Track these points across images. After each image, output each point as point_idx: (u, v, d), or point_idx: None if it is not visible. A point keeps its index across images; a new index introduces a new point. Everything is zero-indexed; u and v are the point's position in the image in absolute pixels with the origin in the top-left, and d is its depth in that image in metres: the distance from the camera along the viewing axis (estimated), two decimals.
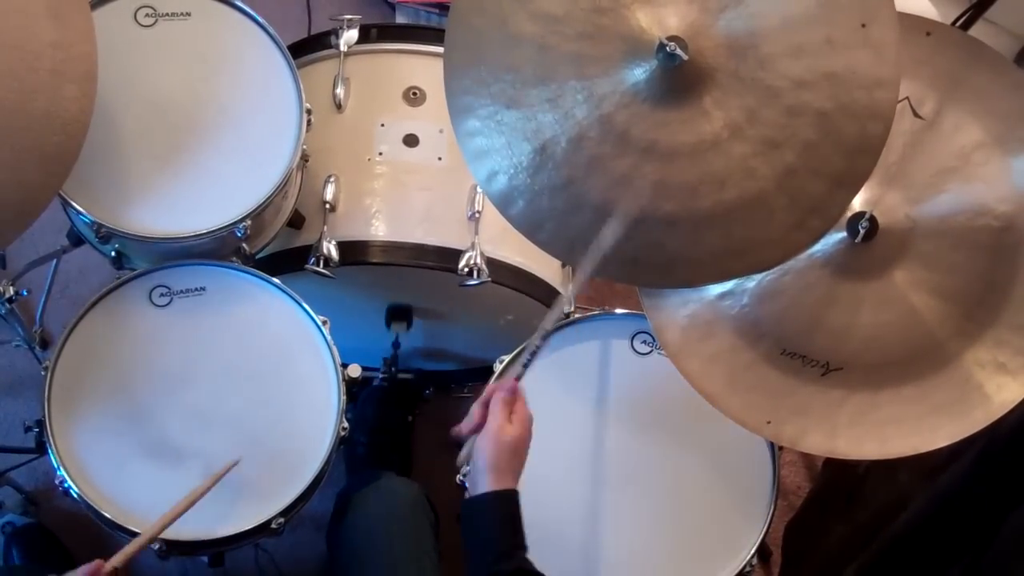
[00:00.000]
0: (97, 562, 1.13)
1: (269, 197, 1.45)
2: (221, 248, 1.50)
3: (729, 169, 1.13)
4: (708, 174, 1.13)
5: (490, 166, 1.21)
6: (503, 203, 1.22)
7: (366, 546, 1.44)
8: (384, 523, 1.46)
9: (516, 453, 1.16)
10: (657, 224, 1.15)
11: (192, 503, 1.24)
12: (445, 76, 1.22)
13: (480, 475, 1.15)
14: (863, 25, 1.10)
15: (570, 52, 1.15)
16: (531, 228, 1.22)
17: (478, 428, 1.18)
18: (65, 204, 1.42)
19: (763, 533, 1.41)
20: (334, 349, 1.46)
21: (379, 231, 1.61)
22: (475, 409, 1.20)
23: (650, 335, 1.51)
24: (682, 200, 1.14)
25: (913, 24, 1.24)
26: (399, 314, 1.79)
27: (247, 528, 1.35)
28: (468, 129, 1.21)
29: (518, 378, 1.20)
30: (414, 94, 1.70)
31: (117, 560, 1.15)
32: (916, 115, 1.24)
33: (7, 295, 1.69)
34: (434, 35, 1.73)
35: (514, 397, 1.18)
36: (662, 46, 1.09)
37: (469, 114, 1.21)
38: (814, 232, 1.16)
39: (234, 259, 1.52)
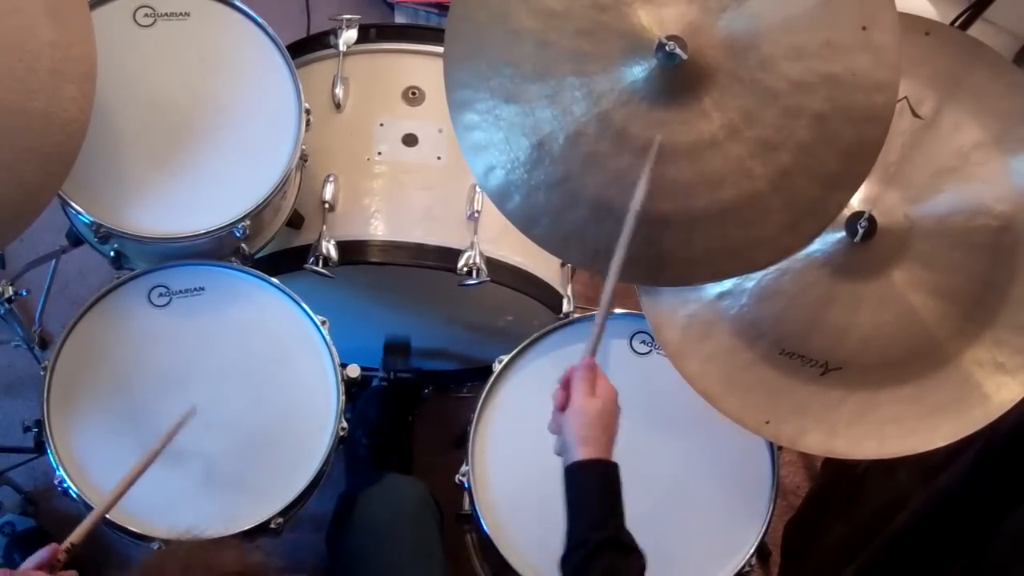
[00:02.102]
0: (52, 546, 1.12)
1: (268, 197, 1.45)
2: (220, 248, 1.50)
3: (725, 169, 1.13)
4: (704, 174, 1.13)
5: (488, 160, 1.21)
6: (500, 198, 1.22)
7: (372, 546, 1.43)
8: (390, 523, 1.45)
9: (604, 424, 1.14)
10: (653, 223, 1.15)
11: (145, 467, 1.23)
12: (445, 69, 1.22)
13: (571, 450, 1.14)
14: (864, 28, 1.10)
15: (570, 49, 1.15)
16: (527, 223, 1.22)
17: (563, 409, 1.16)
18: (64, 204, 1.42)
19: (762, 533, 1.41)
20: (333, 349, 1.46)
21: (378, 231, 1.61)
22: (558, 392, 1.18)
23: (649, 335, 1.51)
24: (678, 199, 1.14)
25: (912, 24, 1.24)
26: (396, 349, 1.79)
27: (246, 528, 1.35)
28: (466, 123, 1.21)
29: (592, 354, 1.18)
30: (413, 94, 1.70)
31: (75, 536, 1.14)
32: (915, 115, 1.24)
33: (6, 295, 1.69)
34: (433, 35, 1.73)
35: (593, 373, 1.16)
36: (661, 45, 1.09)
37: (468, 108, 1.21)
38: (808, 233, 1.16)
39: (233, 259, 1.52)
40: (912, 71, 1.22)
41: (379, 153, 1.66)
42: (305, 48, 1.72)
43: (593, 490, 1.14)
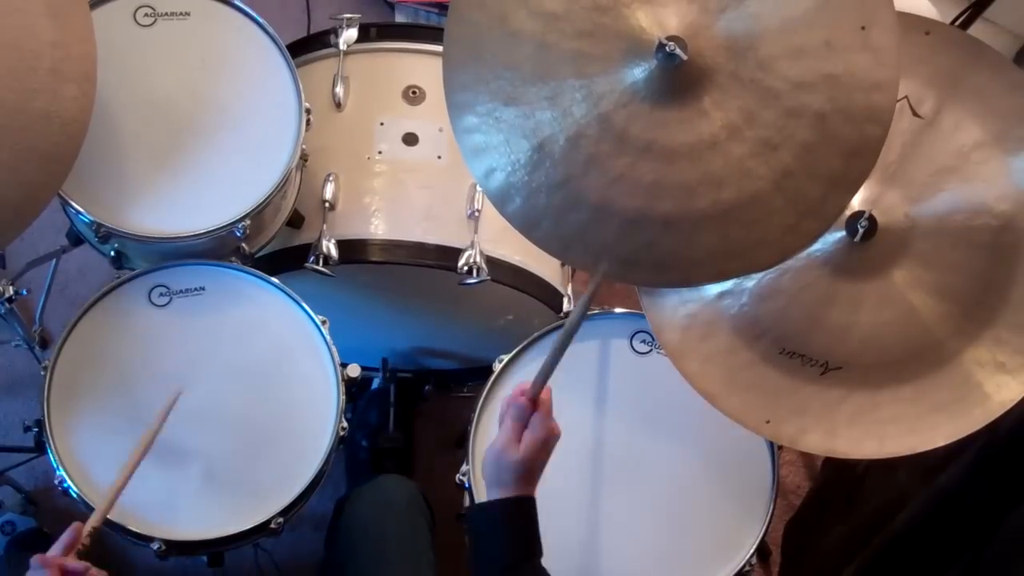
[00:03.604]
0: (76, 524, 1.13)
1: (268, 196, 1.45)
2: (220, 248, 1.50)
3: (727, 170, 1.12)
4: (706, 174, 1.13)
5: (488, 163, 1.21)
6: (500, 200, 1.22)
7: (362, 544, 1.44)
8: (379, 521, 1.46)
9: (521, 475, 1.13)
10: (654, 224, 1.15)
11: (148, 447, 1.24)
12: (444, 72, 1.21)
13: (488, 487, 1.14)
14: (863, 27, 1.10)
15: (569, 50, 1.15)
16: (528, 225, 1.22)
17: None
18: (64, 204, 1.42)
19: (762, 532, 1.41)
20: (333, 349, 1.46)
21: (378, 230, 1.61)
22: (501, 407, 1.17)
23: (649, 334, 1.51)
24: (679, 200, 1.14)
25: (912, 23, 1.23)
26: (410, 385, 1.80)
27: (246, 528, 1.35)
28: (466, 125, 1.21)
29: (534, 391, 1.15)
30: (413, 93, 1.70)
31: (94, 520, 1.15)
32: (915, 114, 1.24)
33: (7, 295, 1.69)
34: (433, 34, 1.73)
35: (526, 415, 1.14)
36: (662, 46, 1.09)
37: (467, 110, 1.21)
38: (810, 234, 1.16)
39: (233, 259, 1.52)
40: (912, 70, 1.22)
41: (379, 152, 1.66)
42: (305, 47, 1.72)
43: (503, 530, 1.13)
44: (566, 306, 1.70)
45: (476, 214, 1.60)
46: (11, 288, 1.69)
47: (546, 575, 1.13)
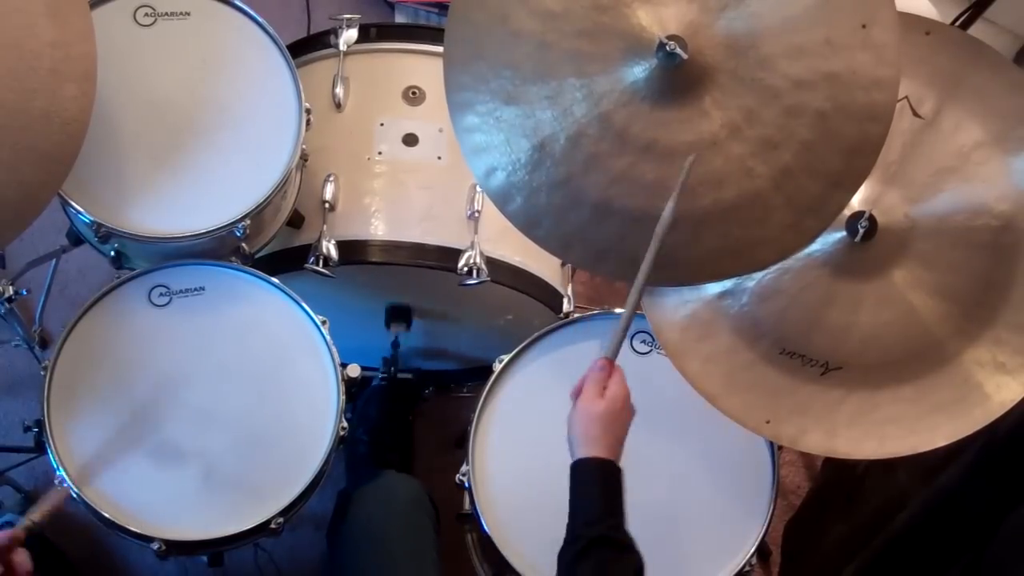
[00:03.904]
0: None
1: (268, 197, 1.45)
2: (220, 248, 1.50)
3: (727, 169, 1.13)
4: (706, 173, 1.13)
5: (488, 162, 1.21)
6: (501, 199, 1.22)
7: (366, 544, 1.44)
8: (384, 521, 1.46)
9: (605, 425, 1.16)
10: (654, 223, 1.15)
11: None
12: (444, 71, 1.22)
13: (573, 448, 1.17)
14: (863, 26, 1.10)
15: (570, 50, 1.15)
16: (528, 225, 1.22)
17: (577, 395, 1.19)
18: (64, 204, 1.42)
19: (763, 532, 1.41)
20: (333, 349, 1.46)
21: (378, 230, 1.61)
22: (576, 388, 1.20)
23: (649, 335, 1.51)
24: (680, 199, 1.14)
25: (912, 23, 1.24)
26: (398, 314, 1.79)
27: (246, 528, 1.35)
28: (467, 125, 1.21)
29: (610, 357, 1.19)
30: (413, 93, 1.70)
31: (36, 515, 1.14)
32: (915, 114, 1.24)
33: (7, 295, 1.69)
34: (433, 34, 1.73)
35: (604, 375, 1.18)
36: (662, 45, 1.09)
37: (468, 110, 1.21)
38: (810, 232, 1.16)
39: (233, 259, 1.52)
40: (913, 71, 1.22)
41: (379, 153, 1.66)
42: (305, 48, 1.72)
43: (590, 488, 1.15)
44: (566, 306, 1.70)
45: (476, 215, 1.60)
46: (11, 288, 1.69)
47: (630, 539, 1.15)
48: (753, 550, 1.40)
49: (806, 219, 1.14)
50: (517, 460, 1.43)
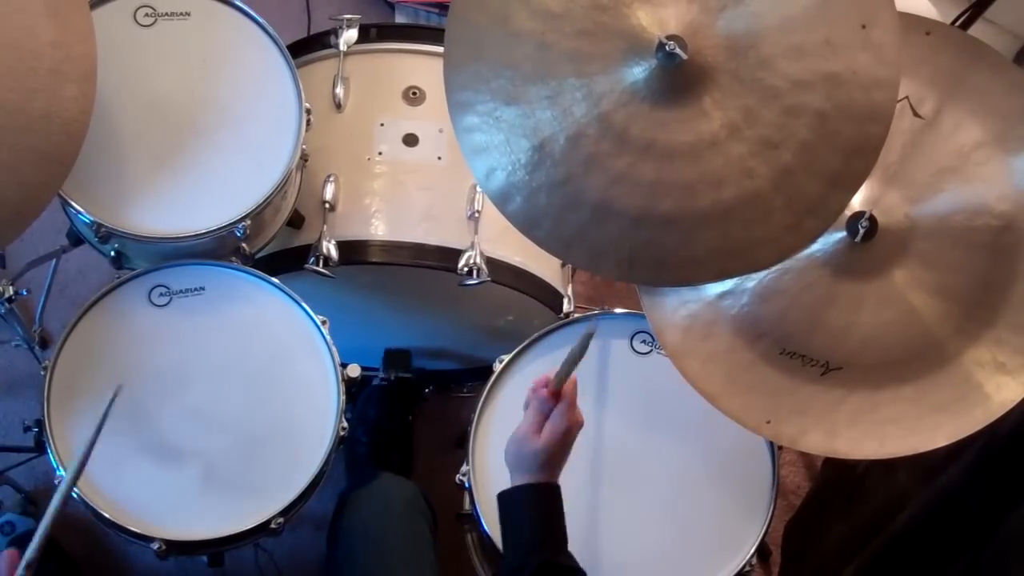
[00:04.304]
0: (9, 552, 1.08)
1: (269, 197, 1.45)
2: (220, 248, 1.50)
3: (727, 169, 1.12)
4: (706, 174, 1.13)
5: (488, 163, 1.21)
6: (501, 200, 1.22)
7: (362, 546, 1.44)
8: (380, 523, 1.46)
9: (542, 462, 1.16)
10: (654, 223, 1.15)
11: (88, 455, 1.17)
12: (444, 72, 1.22)
13: (511, 473, 1.18)
14: (863, 26, 1.10)
15: (569, 50, 1.15)
16: (528, 225, 1.22)
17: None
18: (65, 204, 1.42)
19: (763, 532, 1.41)
20: (333, 349, 1.46)
21: (379, 231, 1.61)
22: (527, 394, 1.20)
23: (649, 335, 1.51)
24: (679, 199, 1.14)
25: (913, 23, 1.23)
26: (397, 359, 1.80)
27: (246, 528, 1.35)
28: (467, 125, 1.21)
29: (556, 384, 1.19)
30: (414, 94, 1.70)
31: (31, 553, 1.10)
32: (916, 114, 1.24)
33: (7, 295, 1.69)
34: (433, 35, 1.73)
35: (548, 407, 1.18)
36: (661, 45, 1.09)
37: (468, 110, 1.21)
38: (811, 233, 1.16)
39: (233, 259, 1.52)
40: (913, 71, 1.22)
41: (380, 153, 1.66)
42: (306, 48, 1.72)
43: (522, 515, 1.16)
44: (566, 306, 1.70)
45: (476, 215, 1.60)
46: (11, 288, 1.69)
47: (573, 562, 1.14)
48: (753, 550, 1.40)
49: (806, 220, 1.14)
50: None
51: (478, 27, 1.19)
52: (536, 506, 1.15)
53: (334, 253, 1.56)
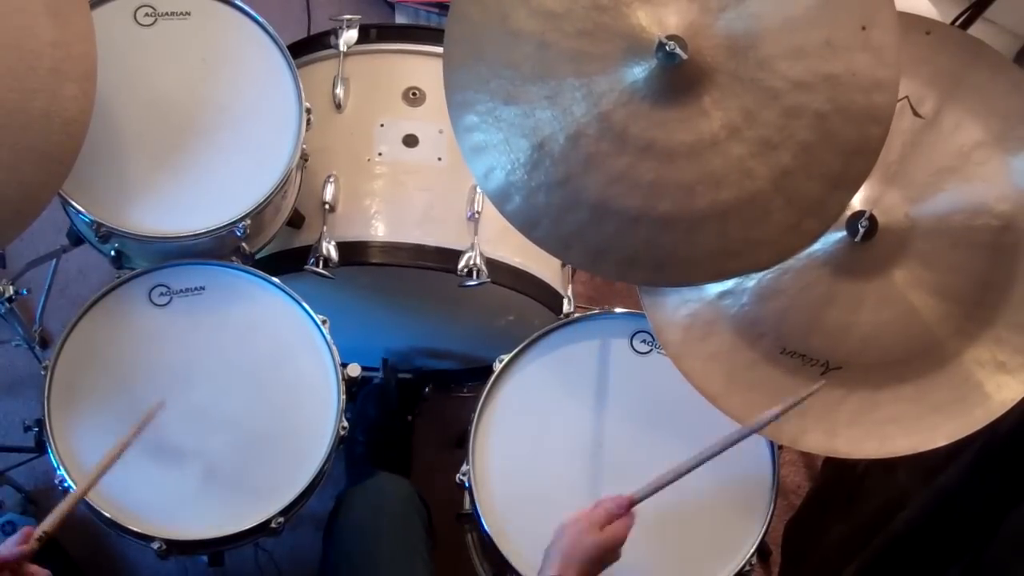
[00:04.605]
0: (26, 529, 1.11)
1: (269, 197, 1.45)
2: (221, 247, 1.50)
3: (726, 169, 1.13)
4: (705, 174, 1.13)
5: (488, 162, 1.21)
6: (500, 199, 1.22)
7: (357, 544, 1.44)
8: (374, 521, 1.46)
9: (585, 558, 1.15)
10: (653, 223, 1.15)
11: (119, 453, 1.21)
12: (444, 71, 1.22)
13: (549, 557, 1.15)
14: (863, 28, 1.10)
15: (569, 49, 1.15)
16: (527, 225, 1.22)
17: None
18: (65, 203, 1.42)
19: (763, 532, 1.41)
20: (334, 349, 1.46)
21: (378, 231, 1.61)
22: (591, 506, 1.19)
23: (650, 334, 1.51)
24: (679, 199, 1.14)
25: (913, 23, 1.24)
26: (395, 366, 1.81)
27: (247, 527, 1.35)
28: (466, 124, 1.21)
29: (637, 500, 1.20)
30: (414, 94, 1.70)
31: (48, 524, 1.12)
32: (916, 114, 1.24)
33: (7, 294, 1.69)
34: (434, 35, 1.73)
35: (621, 514, 1.18)
36: (661, 45, 1.09)
37: (468, 109, 1.21)
38: (810, 234, 1.16)
39: (234, 259, 1.52)
40: (913, 70, 1.22)
41: (379, 154, 1.66)
42: (306, 48, 1.72)
43: None
44: (566, 307, 1.69)
45: (476, 216, 1.60)
46: (11, 288, 1.69)
47: None
48: (753, 550, 1.40)
49: (805, 220, 1.14)
50: (517, 460, 1.43)
51: (478, 26, 1.19)
52: None
53: (334, 254, 1.56)
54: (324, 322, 1.47)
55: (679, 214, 1.15)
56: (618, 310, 1.53)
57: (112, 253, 1.51)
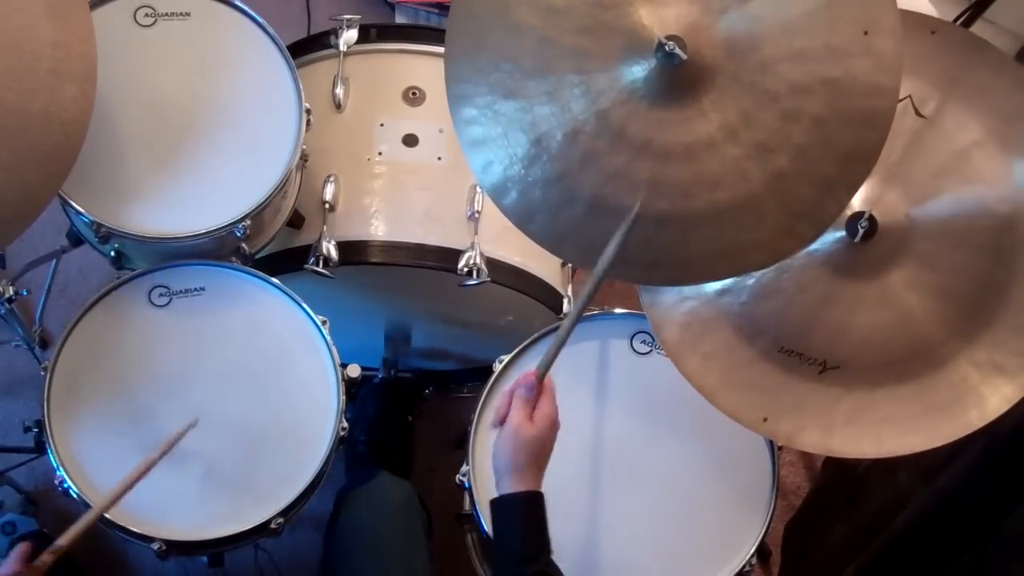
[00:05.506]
0: (22, 546, 1.12)
1: (269, 197, 1.45)
2: (221, 248, 1.50)
3: (722, 171, 1.12)
4: (701, 175, 1.13)
5: (486, 156, 1.21)
6: (497, 193, 1.22)
7: (357, 546, 1.44)
8: (374, 523, 1.46)
9: (535, 452, 1.14)
10: (648, 222, 1.15)
11: (144, 473, 1.22)
12: (445, 63, 1.21)
13: (501, 476, 1.15)
14: (865, 32, 1.09)
15: (570, 46, 1.15)
16: (522, 219, 1.22)
17: (501, 423, 1.17)
18: (65, 204, 1.42)
19: (763, 533, 1.41)
20: (333, 349, 1.46)
21: (379, 231, 1.61)
22: (500, 404, 1.18)
23: (649, 335, 1.51)
24: (674, 199, 1.14)
25: (918, 22, 1.23)
26: (397, 340, 1.80)
27: (247, 528, 1.35)
28: (465, 117, 1.21)
29: (541, 374, 1.18)
30: (413, 94, 1.70)
31: (65, 540, 1.13)
32: (918, 114, 1.23)
33: (7, 295, 1.69)
34: (433, 35, 1.73)
35: (536, 393, 1.17)
36: (661, 45, 1.09)
37: (467, 102, 1.21)
38: (803, 238, 1.15)
39: (234, 259, 1.52)
40: (918, 70, 1.22)
41: (379, 153, 1.66)
42: (305, 48, 1.72)
43: (522, 524, 1.14)
44: (566, 307, 1.70)
45: (476, 215, 1.60)
46: (11, 288, 1.69)
47: (558, 570, 1.14)
48: (753, 550, 1.40)
49: (799, 224, 1.14)
50: None
51: (479, 20, 1.19)
52: (532, 515, 1.14)
53: (334, 253, 1.56)
54: (324, 322, 1.47)
55: (674, 214, 1.14)
56: (618, 310, 1.53)
57: (112, 254, 1.51)
